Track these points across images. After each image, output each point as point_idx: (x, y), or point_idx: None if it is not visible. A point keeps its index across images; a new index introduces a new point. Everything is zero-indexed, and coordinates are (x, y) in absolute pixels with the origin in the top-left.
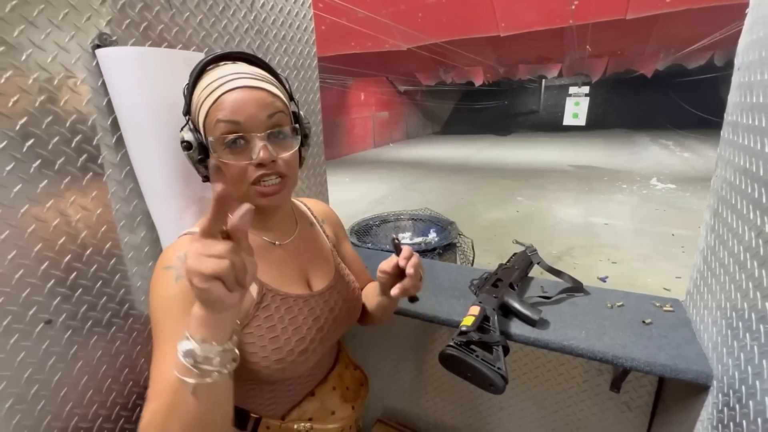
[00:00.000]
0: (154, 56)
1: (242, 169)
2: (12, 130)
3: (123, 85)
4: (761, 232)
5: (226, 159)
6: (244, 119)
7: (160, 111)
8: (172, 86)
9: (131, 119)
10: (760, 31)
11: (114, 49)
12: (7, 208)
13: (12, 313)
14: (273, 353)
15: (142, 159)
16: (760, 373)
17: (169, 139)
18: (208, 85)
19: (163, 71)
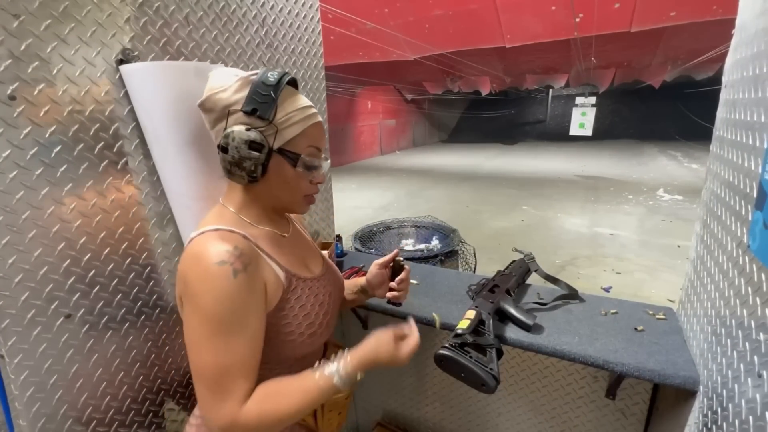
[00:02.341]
0: (168, 69)
1: (306, 182)
2: (42, 137)
3: (143, 96)
4: (741, 243)
5: (302, 174)
6: (323, 148)
7: (177, 118)
8: (186, 94)
9: (152, 126)
10: (743, 52)
11: (135, 65)
12: (36, 209)
13: (36, 306)
14: (307, 328)
15: (164, 163)
16: (738, 377)
17: (185, 143)
18: (300, 108)
19: (177, 82)
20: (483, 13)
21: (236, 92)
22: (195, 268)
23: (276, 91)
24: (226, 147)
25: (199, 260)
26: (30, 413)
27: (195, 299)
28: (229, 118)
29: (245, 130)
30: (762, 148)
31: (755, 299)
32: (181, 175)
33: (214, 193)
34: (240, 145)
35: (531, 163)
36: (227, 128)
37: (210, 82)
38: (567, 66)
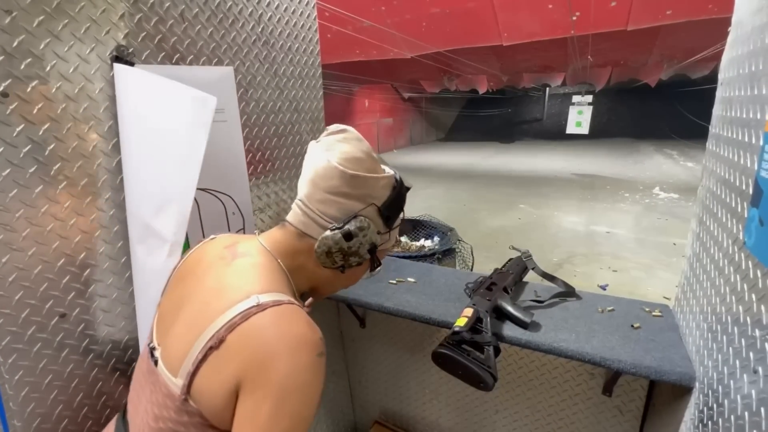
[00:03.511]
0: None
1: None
2: (35, 135)
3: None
4: (736, 240)
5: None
6: None
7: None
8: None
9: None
10: (739, 50)
11: (130, 69)
12: (29, 207)
13: (30, 306)
14: None
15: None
16: (734, 373)
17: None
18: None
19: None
20: (480, 12)
21: (383, 188)
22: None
23: (403, 203)
24: (353, 235)
25: (299, 346)
26: (25, 413)
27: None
28: (367, 208)
29: (377, 232)
30: (758, 146)
31: (751, 296)
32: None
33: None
34: (366, 243)
35: (528, 162)
36: (360, 217)
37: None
38: (564, 64)
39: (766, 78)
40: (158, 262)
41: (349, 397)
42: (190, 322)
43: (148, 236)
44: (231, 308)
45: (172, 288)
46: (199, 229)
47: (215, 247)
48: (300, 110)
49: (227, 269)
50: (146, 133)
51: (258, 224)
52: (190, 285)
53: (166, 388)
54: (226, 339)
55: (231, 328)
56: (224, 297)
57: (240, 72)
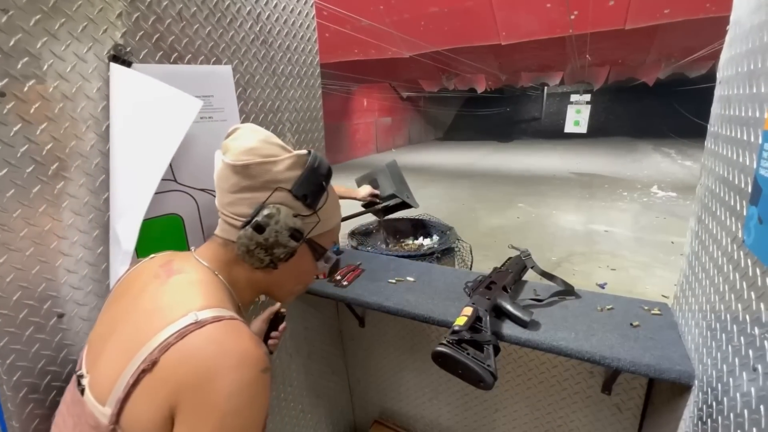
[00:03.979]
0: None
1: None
2: (33, 135)
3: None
4: (735, 238)
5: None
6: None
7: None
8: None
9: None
10: (737, 48)
11: (122, 69)
12: (27, 207)
13: (28, 306)
14: None
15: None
16: (733, 371)
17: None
18: (336, 208)
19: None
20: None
21: (288, 169)
22: (233, 374)
23: (328, 180)
24: (264, 226)
25: (241, 362)
26: (23, 414)
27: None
28: (274, 194)
29: (293, 215)
30: (757, 144)
31: (750, 294)
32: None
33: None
34: (282, 229)
35: (526, 161)
36: (269, 205)
37: (251, 145)
38: (562, 63)
39: (765, 76)
40: (116, 266)
41: (349, 397)
42: (122, 346)
43: (114, 241)
44: (166, 327)
45: (105, 311)
46: (199, 229)
47: (151, 266)
48: (299, 109)
49: (163, 288)
50: (128, 135)
51: None
52: (123, 307)
53: (93, 419)
54: (159, 360)
55: (165, 349)
56: (160, 317)
57: (238, 71)
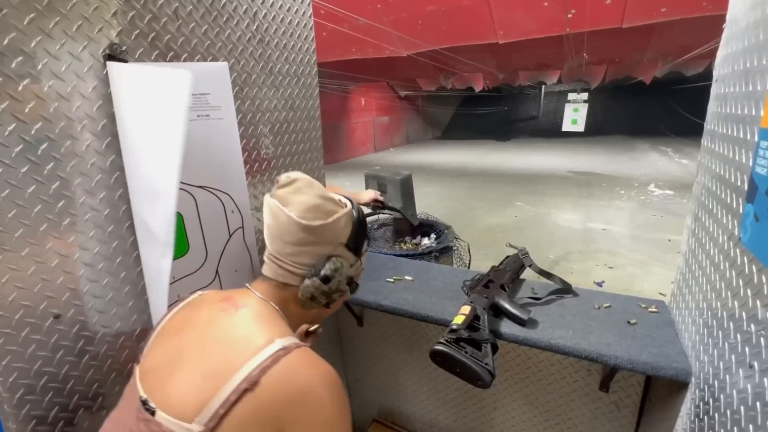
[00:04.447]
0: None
1: None
2: (27, 134)
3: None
4: (732, 235)
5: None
6: None
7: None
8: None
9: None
10: (734, 46)
11: (117, 65)
12: (22, 208)
13: (24, 307)
14: None
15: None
16: (730, 368)
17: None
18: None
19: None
20: (476, 10)
21: (345, 226)
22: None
23: (366, 228)
24: (330, 278)
25: (332, 382)
26: (20, 416)
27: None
28: (336, 248)
29: (350, 266)
30: (753, 142)
31: (746, 291)
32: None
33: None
34: (343, 279)
35: (524, 160)
36: (333, 258)
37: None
38: (559, 62)
39: (761, 74)
40: (155, 261)
41: (347, 396)
42: (206, 370)
43: (148, 235)
44: (258, 353)
45: (163, 342)
46: (198, 227)
47: (209, 301)
48: (296, 109)
49: (233, 320)
50: (137, 127)
51: (255, 224)
52: (191, 338)
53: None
54: (260, 381)
55: (263, 371)
56: (244, 345)
57: (235, 70)
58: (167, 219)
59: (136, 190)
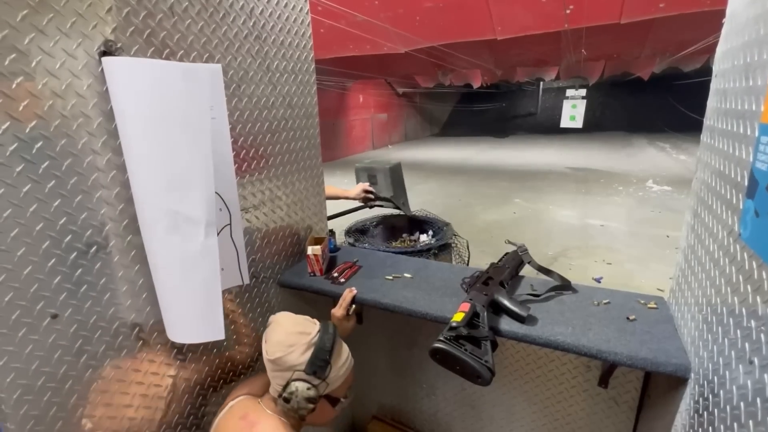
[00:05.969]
0: (153, 67)
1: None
2: (22, 133)
3: (119, 93)
4: (732, 231)
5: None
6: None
7: (154, 119)
8: (168, 97)
9: (123, 126)
10: (734, 41)
11: (117, 59)
12: (17, 207)
13: (21, 307)
14: None
15: (130, 165)
16: (730, 364)
17: (152, 149)
18: (344, 362)
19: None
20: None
21: (302, 355)
22: None
23: (330, 356)
24: (289, 399)
25: None
26: (18, 416)
27: None
28: (294, 373)
29: (306, 389)
30: (753, 137)
31: (746, 287)
32: (137, 182)
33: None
34: (301, 399)
35: (522, 156)
36: (291, 382)
37: (279, 339)
38: (557, 58)
39: (761, 69)
40: (196, 245)
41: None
42: None
43: (179, 223)
44: None
45: None
46: None
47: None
48: (293, 105)
49: None
50: (147, 122)
51: (253, 221)
52: None
53: None
54: None
55: None
56: None
57: (232, 67)
58: (207, 201)
59: (156, 184)
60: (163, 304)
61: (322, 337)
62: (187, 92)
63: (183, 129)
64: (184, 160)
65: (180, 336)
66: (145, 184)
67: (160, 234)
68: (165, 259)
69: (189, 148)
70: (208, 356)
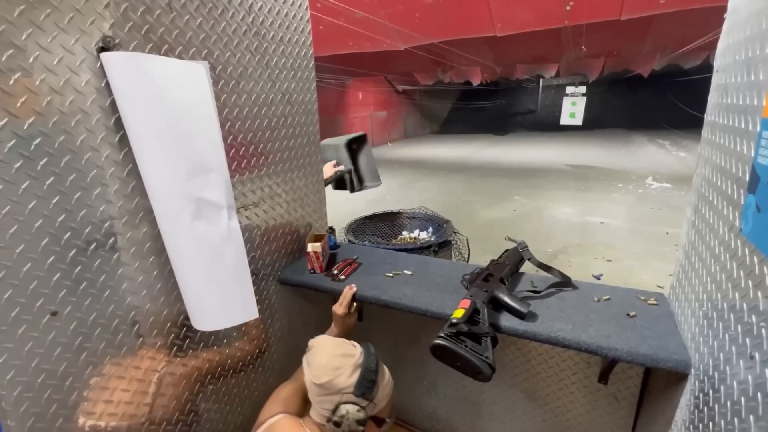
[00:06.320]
0: (155, 63)
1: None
2: (20, 129)
3: (126, 88)
4: (732, 227)
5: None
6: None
7: (160, 114)
8: (172, 93)
9: (133, 120)
10: (735, 36)
11: (118, 54)
12: (16, 204)
13: (20, 304)
14: None
15: (145, 158)
16: (730, 359)
17: (168, 140)
18: (387, 383)
19: (164, 79)
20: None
21: (349, 377)
22: None
23: (377, 375)
24: (340, 422)
25: None
26: (18, 413)
27: None
28: (342, 396)
29: (357, 411)
30: (755, 132)
31: (747, 282)
32: (156, 174)
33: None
34: (352, 422)
35: (522, 154)
36: (340, 406)
37: (324, 362)
38: (557, 55)
39: (763, 63)
40: (222, 228)
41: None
42: None
43: (203, 209)
44: None
45: None
46: None
47: None
48: (293, 102)
49: None
50: (157, 116)
51: (253, 219)
52: None
53: None
54: None
55: None
56: None
57: (231, 63)
58: (225, 185)
59: (175, 173)
60: (189, 295)
61: (367, 358)
62: (187, 82)
63: (192, 119)
64: (200, 147)
65: (211, 323)
66: (164, 176)
67: (186, 222)
68: (193, 246)
69: (201, 136)
70: (209, 353)
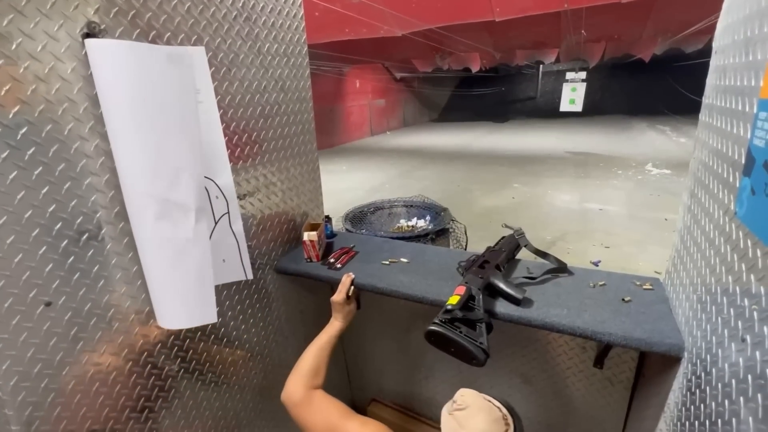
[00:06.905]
0: (138, 51)
1: None
2: (5, 118)
3: (109, 80)
4: (728, 211)
5: None
6: None
7: (143, 109)
8: (154, 81)
9: (114, 113)
10: (734, 15)
11: (100, 41)
12: (4, 194)
13: (13, 295)
14: None
15: (119, 151)
16: (722, 342)
17: (144, 136)
18: None
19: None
20: None
21: None
22: None
23: None
24: None
25: None
26: (16, 402)
27: None
28: None
29: None
30: (751, 113)
31: (741, 266)
32: (124, 169)
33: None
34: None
35: (521, 141)
36: None
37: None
38: (557, 40)
39: (761, 42)
40: (187, 231)
41: (346, 376)
42: None
43: (170, 210)
44: None
45: None
46: None
47: None
48: (286, 89)
49: None
50: (132, 107)
51: (248, 208)
52: None
53: None
54: None
55: None
56: None
57: (221, 50)
58: (197, 186)
59: (144, 171)
60: (153, 291)
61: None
62: (172, 76)
63: (169, 114)
64: (172, 146)
65: (172, 322)
66: (132, 170)
67: (149, 220)
68: (155, 245)
69: (176, 133)
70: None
